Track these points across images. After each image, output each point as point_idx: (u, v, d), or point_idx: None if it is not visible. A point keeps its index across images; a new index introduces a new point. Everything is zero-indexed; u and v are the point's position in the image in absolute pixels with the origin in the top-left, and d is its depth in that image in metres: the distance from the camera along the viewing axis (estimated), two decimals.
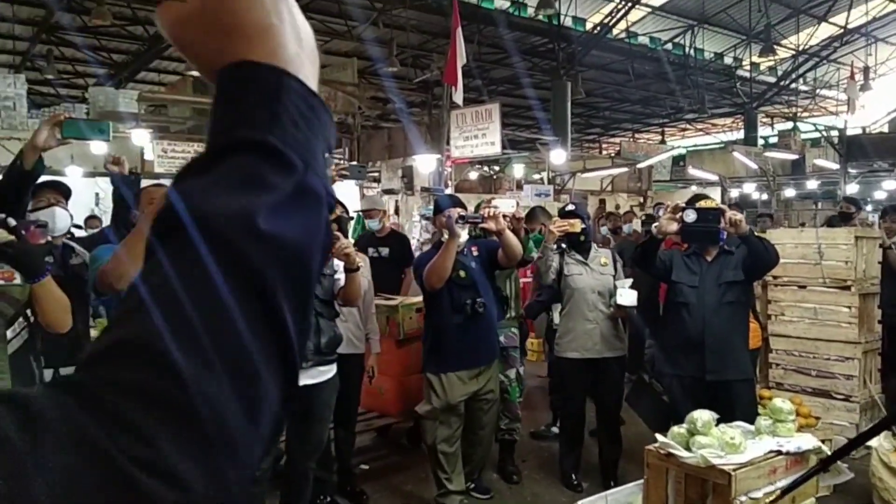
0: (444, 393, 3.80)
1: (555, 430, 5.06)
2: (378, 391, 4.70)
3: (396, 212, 11.54)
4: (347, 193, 10.33)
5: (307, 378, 3.20)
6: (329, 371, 3.33)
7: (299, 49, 0.54)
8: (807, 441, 3.00)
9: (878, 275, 5.07)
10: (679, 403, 3.67)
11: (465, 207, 3.96)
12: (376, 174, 12.88)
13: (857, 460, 4.55)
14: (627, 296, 4.19)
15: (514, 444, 4.58)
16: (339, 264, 3.28)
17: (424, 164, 10.74)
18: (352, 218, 4.26)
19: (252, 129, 0.47)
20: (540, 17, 13.44)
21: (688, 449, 2.81)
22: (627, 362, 4.61)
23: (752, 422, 3.18)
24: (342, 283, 3.31)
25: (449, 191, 10.03)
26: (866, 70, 17.51)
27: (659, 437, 2.91)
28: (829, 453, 3.13)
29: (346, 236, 3.53)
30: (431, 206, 10.41)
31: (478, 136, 10.66)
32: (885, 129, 15.57)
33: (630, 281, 4.40)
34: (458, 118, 10.92)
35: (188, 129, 11.84)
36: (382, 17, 12.47)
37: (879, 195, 11.91)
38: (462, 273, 3.79)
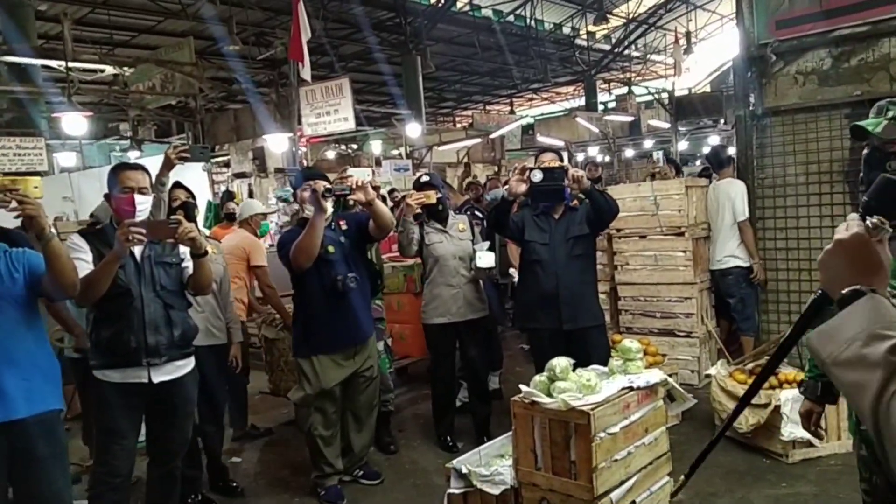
0: (318, 378, 3.66)
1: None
2: (400, 337, 5.60)
3: (251, 195, 11.11)
4: (195, 178, 9.80)
5: (163, 374, 3.02)
6: (186, 365, 3.15)
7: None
8: (654, 375, 3.24)
9: (707, 220, 5.54)
10: (541, 355, 3.86)
11: (327, 180, 3.79)
12: (225, 157, 12.31)
13: (700, 388, 5.02)
14: (486, 258, 4.33)
15: (390, 415, 4.61)
16: (185, 251, 3.09)
17: (276, 143, 10.39)
18: (197, 205, 4.01)
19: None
20: None
21: (550, 395, 2.95)
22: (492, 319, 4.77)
23: (606, 364, 3.39)
24: (191, 270, 3.13)
25: None
26: (688, 35, 19.03)
27: (522, 387, 3.03)
28: (675, 383, 3.41)
29: (193, 221, 3.32)
30: (288, 188, 10.15)
31: (330, 112, 10.46)
32: (708, 88, 17.05)
33: (488, 244, 4.53)
34: (308, 95, 10.64)
35: (4, 122, 10.67)
36: None
37: (707, 149, 13.15)
38: (330, 248, 3.64)
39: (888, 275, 1.02)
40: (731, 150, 6.40)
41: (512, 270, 5.03)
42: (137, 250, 2.99)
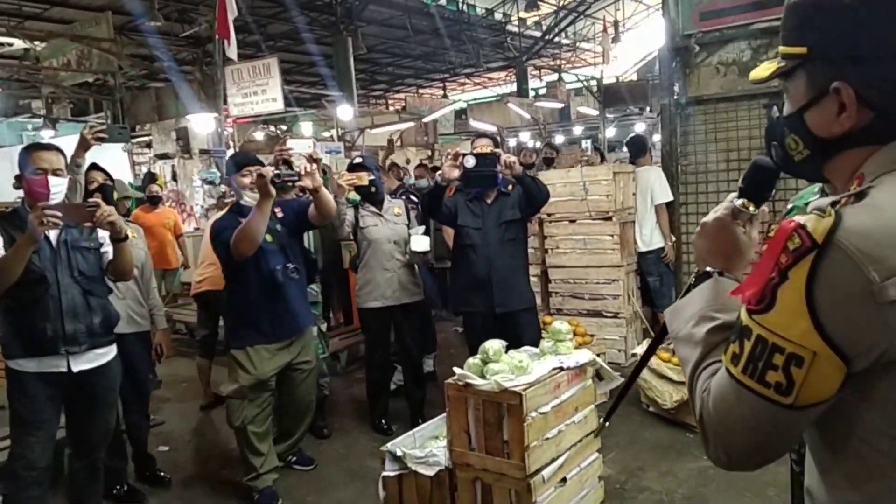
0: (254, 368, 3.50)
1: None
2: None
3: (174, 177, 10.72)
4: (114, 160, 9.39)
5: (83, 363, 2.89)
6: (108, 353, 3.03)
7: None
8: (583, 356, 3.33)
9: (634, 206, 5.73)
10: (474, 337, 3.90)
11: (263, 165, 3.63)
12: (147, 138, 11.82)
13: (627, 367, 5.20)
14: (421, 242, 4.33)
15: (325, 399, 4.57)
16: (104, 235, 2.96)
17: (201, 124, 10.04)
18: (114, 187, 3.83)
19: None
20: None
21: (483, 377, 3.00)
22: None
23: (537, 345, 3.46)
24: (111, 255, 3.00)
25: (231, 152, 9.51)
26: (616, 24, 19.43)
27: (456, 370, 3.06)
28: (603, 363, 3.52)
29: (111, 205, 3.17)
30: (214, 170, 9.84)
31: (257, 92, 10.19)
32: (635, 77, 17.49)
33: (423, 228, 4.54)
34: (233, 74, 10.33)
35: None
36: None
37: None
38: (268, 237, 3.45)
39: (745, 256, 1.09)
40: (656, 138, 6.61)
41: None
42: (53, 235, 2.85)
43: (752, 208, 1.10)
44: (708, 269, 1.09)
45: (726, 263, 1.09)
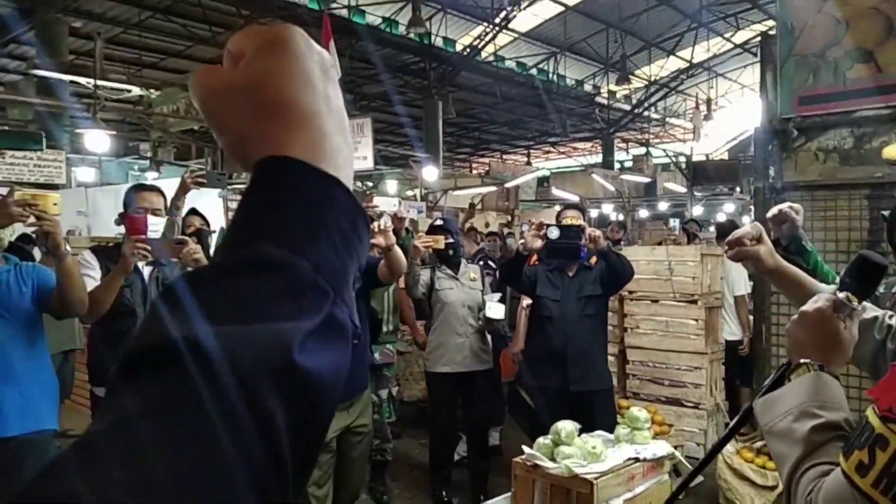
0: None
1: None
2: None
3: None
4: (211, 205, 9.84)
5: None
6: None
7: (343, 142, 0.47)
8: (661, 448, 3.14)
9: (721, 290, 5.50)
10: (545, 414, 3.75)
11: None
12: (242, 185, 12.38)
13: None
14: (496, 309, 4.27)
15: (386, 464, 4.48)
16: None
17: None
18: (213, 231, 3.98)
19: (288, 248, 0.40)
20: (411, 35, 13.59)
21: (553, 459, 2.86)
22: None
23: (611, 430, 3.29)
24: None
25: None
26: (709, 101, 19.25)
27: (525, 448, 2.94)
28: (682, 457, 3.30)
29: (206, 251, 3.27)
30: None
31: None
32: (726, 155, 17.15)
33: (498, 295, 4.47)
34: None
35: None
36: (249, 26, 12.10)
37: (720, 216, 13.19)
38: None
39: (846, 352, 1.03)
40: (746, 220, 6.40)
41: None
42: (147, 271, 2.96)
43: (855, 303, 1.02)
44: (805, 361, 1.03)
45: (825, 357, 1.02)
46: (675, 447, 3.58)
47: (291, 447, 0.37)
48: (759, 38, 5.74)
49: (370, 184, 13.69)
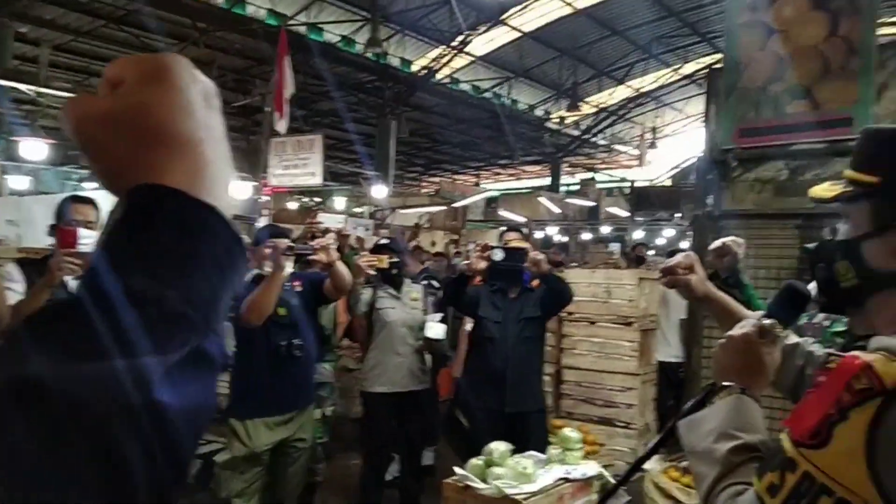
0: (249, 440, 3.43)
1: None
2: None
3: None
4: None
5: None
6: None
7: (223, 169, 0.46)
8: (591, 468, 3.22)
9: (657, 313, 5.66)
10: (480, 435, 3.78)
11: (287, 237, 3.68)
12: None
13: (633, 482, 4.97)
14: (435, 329, 4.30)
15: (316, 486, 4.42)
16: None
17: (239, 190, 10.34)
18: None
19: (157, 279, 0.40)
20: (368, 55, 13.66)
21: (484, 480, 2.89)
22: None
23: (544, 451, 3.34)
24: None
25: (265, 219, 9.71)
26: (654, 130, 19.86)
27: (457, 469, 2.96)
28: (611, 478, 3.38)
29: None
30: (245, 236, 10.02)
31: (298, 165, 10.49)
32: (668, 182, 17.70)
33: (440, 315, 4.50)
34: (277, 146, 10.68)
35: None
36: (204, 38, 11.94)
37: (660, 241, 13.61)
38: (282, 311, 3.46)
39: (768, 376, 1.07)
40: (684, 245, 6.60)
41: None
42: (74, 284, 2.89)
43: (780, 329, 1.08)
44: (728, 384, 1.06)
45: (748, 381, 1.06)
46: (605, 466, 3.66)
47: (149, 478, 0.37)
48: (705, 71, 6.02)
49: (318, 199, 13.62)
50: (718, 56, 9.17)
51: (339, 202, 13.32)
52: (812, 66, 4.93)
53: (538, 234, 13.23)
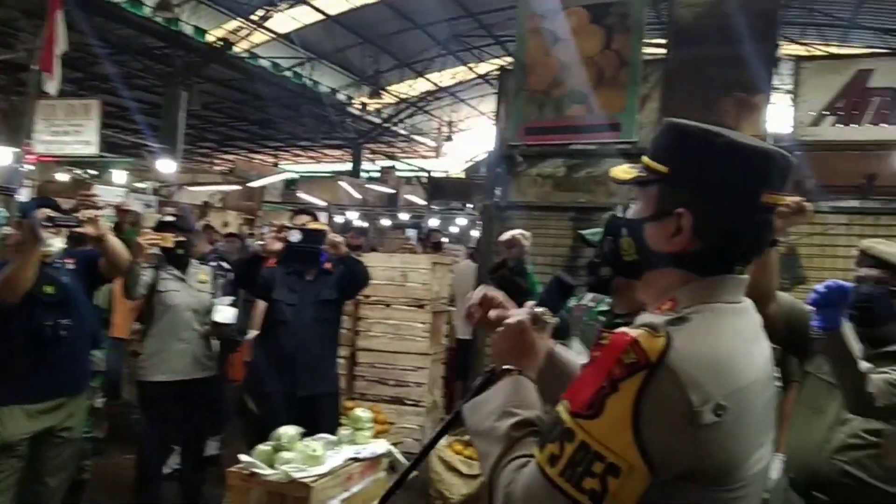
0: (3, 428, 3.01)
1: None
2: None
3: None
4: None
5: None
6: None
7: None
8: (380, 446, 3.28)
9: (448, 296, 5.92)
10: (271, 420, 3.68)
11: (58, 208, 3.25)
12: None
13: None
14: (224, 313, 4.09)
15: (84, 484, 4.00)
16: None
17: None
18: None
19: None
20: (157, 19, 12.53)
21: (272, 466, 2.82)
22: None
23: (335, 432, 3.35)
24: None
25: (27, 191, 8.57)
26: (450, 124, 20.65)
27: (242, 456, 2.86)
28: (399, 454, 3.48)
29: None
30: (2, 209, 8.74)
31: (70, 132, 9.41)
32: (462, 174, 18.54)
33: (230, 299, 4.29)
34: (46, 110, 9.47)
35: None
36: None
37: (454, 229, 14.29)
38: (49, 289, 3.09)
39: (538, 359, 1.16)
40: (474, 234, 6.98)
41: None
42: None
43: (549, 316, 1.17)
44: (506, 367, 1.14)
45: (523, 363, 1.14)
46: (395, 444, 3.76)
47: None
48: (497, 71, 6.39)
49: (94, 172, 12.31)
50: (509, 59, 9.76)
51: (119, 176, 12.10)
52: (589, 75, 5.47)
53: (338, 219, 13.17)
